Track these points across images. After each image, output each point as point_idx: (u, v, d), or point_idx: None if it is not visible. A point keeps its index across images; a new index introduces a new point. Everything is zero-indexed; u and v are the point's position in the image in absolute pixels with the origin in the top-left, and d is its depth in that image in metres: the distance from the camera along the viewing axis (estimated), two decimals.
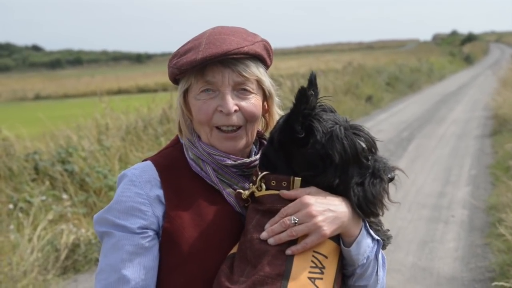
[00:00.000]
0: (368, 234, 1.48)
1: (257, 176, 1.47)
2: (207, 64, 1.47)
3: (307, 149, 1.41)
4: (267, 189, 1.45)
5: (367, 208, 1.43)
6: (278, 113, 1.62)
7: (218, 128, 1.53)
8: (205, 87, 1.51)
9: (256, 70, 1.52)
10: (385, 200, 1.46)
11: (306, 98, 1.41)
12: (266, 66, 1.59)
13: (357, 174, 1.43)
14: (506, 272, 4.61)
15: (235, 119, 1.51)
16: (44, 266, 5.06)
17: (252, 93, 1.53)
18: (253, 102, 1.53)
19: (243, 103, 1.51)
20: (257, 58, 1.54)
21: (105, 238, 1.49)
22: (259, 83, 1.55)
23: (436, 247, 5.50)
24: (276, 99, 1.61)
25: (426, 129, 13.03)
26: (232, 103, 1.49)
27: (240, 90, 1.51)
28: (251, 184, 1.50)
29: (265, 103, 1.60)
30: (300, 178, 1.43)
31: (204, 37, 1.51)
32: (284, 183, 1.44)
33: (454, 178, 8.26)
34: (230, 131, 1.52)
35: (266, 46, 1.57)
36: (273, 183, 1.45)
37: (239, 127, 1.53)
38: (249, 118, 1.53)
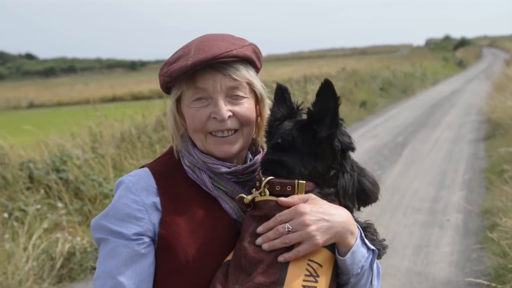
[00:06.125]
0: (364, 244, 1.48)
1: (260, 181, 1.47)
2: (197, 70, 1.48)
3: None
4: (270, 194, 1.45)
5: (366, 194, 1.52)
6: None
7: (211, 133, 1.53)
8: (197, 95, 1.51)
9: (247, 73, 1.53)
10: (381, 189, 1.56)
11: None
12: (256, 69, 1.60)
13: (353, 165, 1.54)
14: (502, 276, 4.62)
15: (230, 123, 1.52)
16: (40, 275, 5.04)
17: (245, 97, 1.54)
18: (247, 106, 1.54)
19: (237, 108, 1.52)
20: (247, 61, 1.55)
21: (102, 244, 1.51)
22: (251, 86, 1.55)
23: (432, 252, 5.51)
24: (267, 102, 1.62)
25: (421, 134, 13.07)
26: (225, 109, 1.50)
27: (233, 96, 1.52)
28: (254, 189, 1.49)
29: (257, 107, 1.61)
30: (304, 182, 1.43)
31: (193, 44, 1.52)
32: (289, 188, 1.44)
33: (449, 182, 8.28)
34: (225, 136, 1.53)
35: (255, 49, 1.58)
36: (278, 187, 1.44)
37: (235, 131, 1.54)
38: (244, 122, 1.54)
